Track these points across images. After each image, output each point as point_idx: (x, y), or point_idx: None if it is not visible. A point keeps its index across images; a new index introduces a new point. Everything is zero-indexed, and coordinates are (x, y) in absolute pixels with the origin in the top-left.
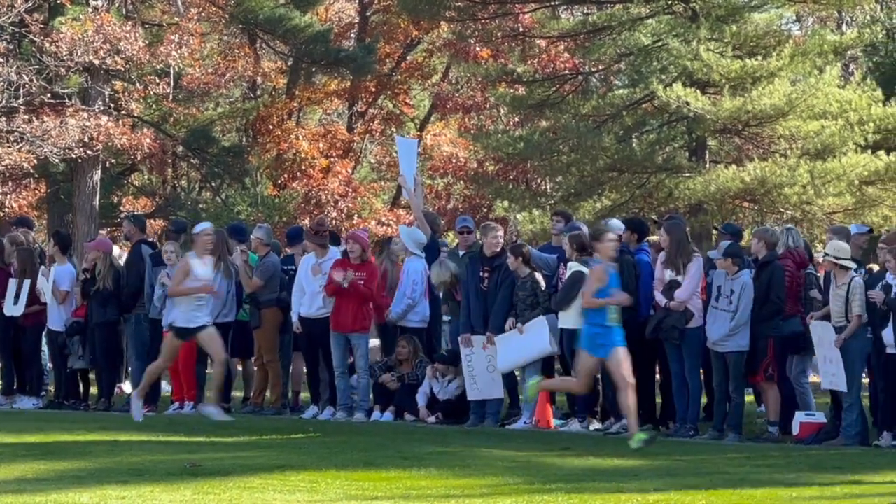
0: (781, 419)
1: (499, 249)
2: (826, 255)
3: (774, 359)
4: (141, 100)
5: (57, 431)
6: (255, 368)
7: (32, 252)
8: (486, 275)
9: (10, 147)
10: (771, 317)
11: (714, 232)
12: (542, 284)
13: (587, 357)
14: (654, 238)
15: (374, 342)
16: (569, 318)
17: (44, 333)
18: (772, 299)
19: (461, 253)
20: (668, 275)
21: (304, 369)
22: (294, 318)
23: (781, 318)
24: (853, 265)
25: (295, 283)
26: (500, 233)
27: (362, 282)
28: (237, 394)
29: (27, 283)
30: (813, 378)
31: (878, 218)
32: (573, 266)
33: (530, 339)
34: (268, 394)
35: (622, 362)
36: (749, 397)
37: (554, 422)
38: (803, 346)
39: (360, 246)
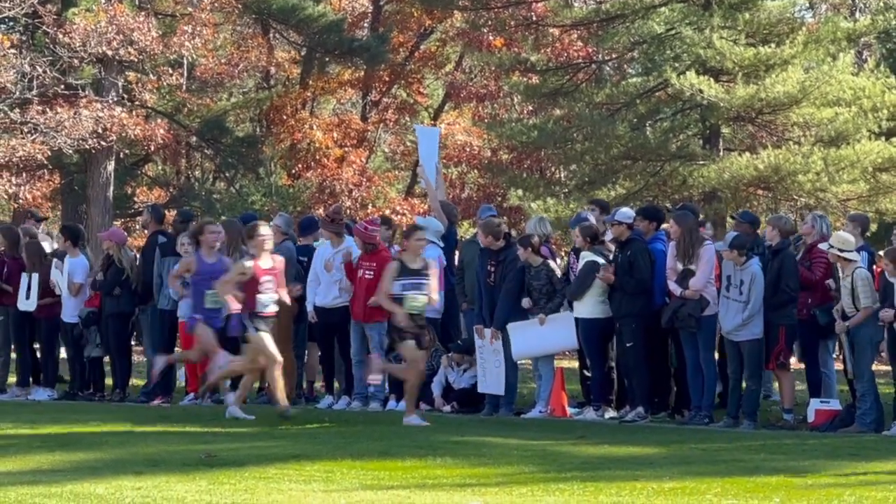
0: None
1: (502, 243)
2: (831, 246)
3: (787, 346)
4: (154, 90)
5: (72, 422)
6: None
7: (40, 245)
8: (492, 269)
9: (23, 138)
10: (783, 305)
11: (730, 220)
12: (558, 272)
13: None
14: (665, 226)
15: None
16: (583, 308)
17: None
18: (782, 288)
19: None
20: (681, 265)
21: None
22: (309, 308)
23: (816, 304)
24: (857, 257)
25: (310, 273)
26: (503, 226)
27: (371, 273)
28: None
29: (36, 276)
30: (837, 365)
31: (893, 205)
32: (586, 256)
33: (554, 332)
34: None
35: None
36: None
37: (569, 410)
38: (831, 330)
39: (360, 239)
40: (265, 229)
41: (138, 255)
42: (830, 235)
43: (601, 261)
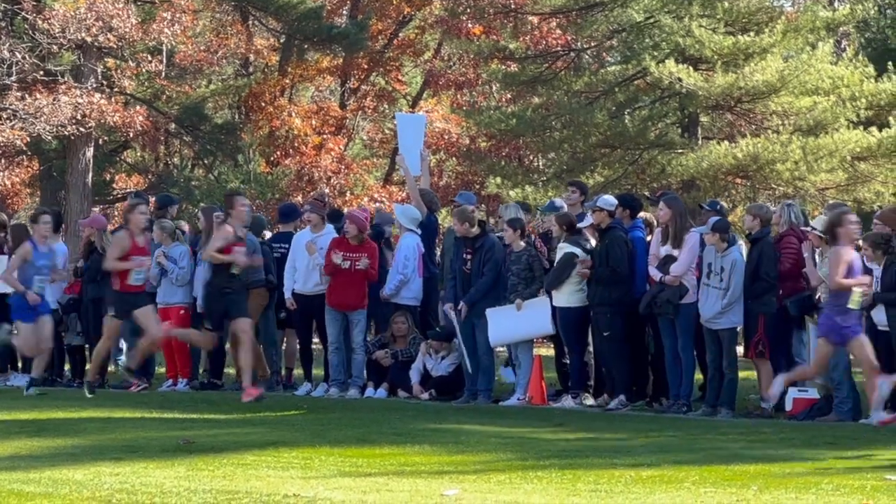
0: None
1: (477, 231)
2: (813, 228)
3: (765, 335)
4: (133, 77)
5: (51, 408)
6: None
7: (26, 229)
8: (468, 256)
9: (2, 125)
10: (762, 293)
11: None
12: (544, 262)
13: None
14: (644, 214)
15: None
16: (561, 297)
17: None
18: (762, 276)
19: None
20: (663, 250)
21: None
22: (287, 294)
23: (786, 296)
24: None
25: (288, 260)
26: (476, 213)
27: (359, 263)
28: (231, 370)
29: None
30: None
31: (871, 194)
32: (563, 247)
33: (529, 317)
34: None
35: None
36: (747, 373)
37: (547, 392)
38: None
39: (355, 227)
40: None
41: None
42: (800, 224)
43: (579, 252)
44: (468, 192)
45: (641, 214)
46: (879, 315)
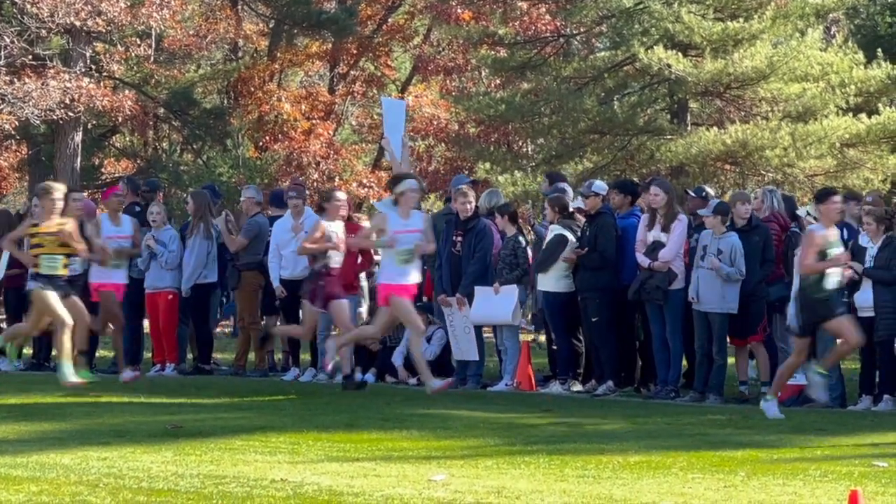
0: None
1: (470, 214)
2: (808, 213)
3: (769, 320)
4: (122, 62)
5: (38, 393)
6: (239, 331)
7: (11, 215)
8: (458, 238)
9: None
10: (765, 277)
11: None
12: (523, 244)
13: None
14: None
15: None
16: (548, 281)
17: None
18: (769, 259)
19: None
20: (651, 236)
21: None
22: (276, 283)
23: (768, 283)
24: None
25: (270, 249)
26: (472, 196)
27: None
28: (219, 356)
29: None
30: None
31: (860, 181)
32: (555, 229)
33: (499, 302)
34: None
35: None
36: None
37: (535, 378)
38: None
39: (348, 206)
40: None
41: None
42: (781, 210)
43: (570, 236)
44: (461, 175)
45: (638, 201)
46: (862, 297)
